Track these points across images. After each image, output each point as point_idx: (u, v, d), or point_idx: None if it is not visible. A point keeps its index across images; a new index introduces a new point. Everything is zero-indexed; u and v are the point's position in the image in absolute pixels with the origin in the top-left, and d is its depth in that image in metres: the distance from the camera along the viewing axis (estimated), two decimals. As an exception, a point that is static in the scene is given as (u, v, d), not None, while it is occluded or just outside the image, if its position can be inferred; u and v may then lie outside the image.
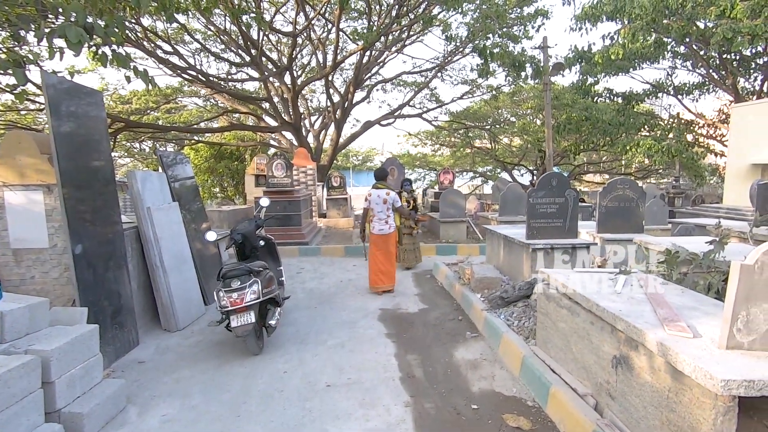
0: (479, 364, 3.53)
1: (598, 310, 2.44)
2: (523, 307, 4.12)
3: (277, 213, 8.31)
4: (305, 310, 5.01)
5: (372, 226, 5.56)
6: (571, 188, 4.68)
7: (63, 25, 4.02)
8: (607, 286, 2.84)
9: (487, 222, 9.43)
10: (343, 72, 17.13)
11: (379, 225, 5.51)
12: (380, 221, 5.52)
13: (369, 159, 32.91)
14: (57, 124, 3.20)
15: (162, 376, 3.41)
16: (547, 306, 3.16)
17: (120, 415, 2.83)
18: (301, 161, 11.62)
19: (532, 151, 18.40)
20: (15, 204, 3.30)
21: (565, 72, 13.80)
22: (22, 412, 2.24)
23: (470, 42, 11.11)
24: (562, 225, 4.65)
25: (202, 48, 13.67)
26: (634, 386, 2.15)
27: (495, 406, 2.89)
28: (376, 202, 5.49)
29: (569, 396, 2.59)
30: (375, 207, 5.51)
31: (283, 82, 13.73)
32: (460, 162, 22.54)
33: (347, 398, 3.02)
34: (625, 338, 2.22)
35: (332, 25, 13.13)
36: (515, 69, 10.18)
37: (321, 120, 18.19)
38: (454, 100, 17.26)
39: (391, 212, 5.56)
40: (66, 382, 2.53)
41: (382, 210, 5.50)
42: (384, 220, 5.52)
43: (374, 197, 5.50)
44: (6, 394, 2.15)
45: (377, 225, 5.52)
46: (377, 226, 5.52)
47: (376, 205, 5.50)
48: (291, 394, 3.10)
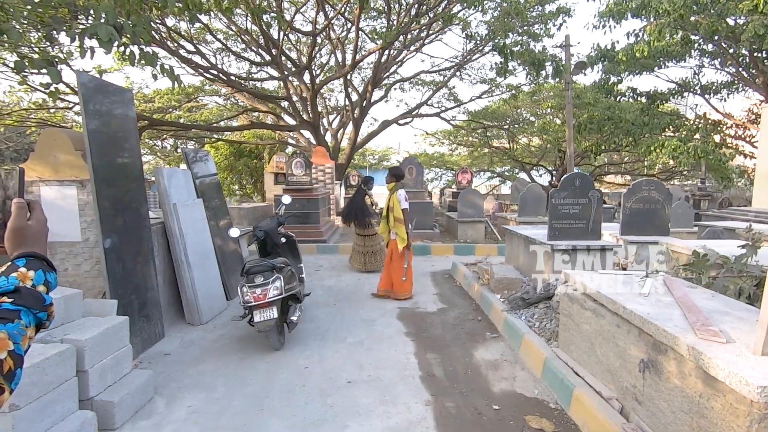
0: (500, 364, 3.51)
1: (625, 312, 2.40)
2: (545, 309, 4.08)
3: (296, 211, 8.40)
4: (324, 307, 5.05)
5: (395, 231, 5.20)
6: (595, 189, 4.60)
7: (95, 24, 4.15)
8: (633, 288, 2.79)
9: (506, 222, 9.34)
10: (361, 71, 17.17)
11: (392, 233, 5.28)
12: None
13: (385, 158, 32.95)
14: (90, 122, 3.31)
15: (187, 369, 3.49)
16: (570, 307, 3.13)
17: (148, 405, 2.91)
18: (319, 159, 11.70)
19: (552, 151, 18.14)
20: (50, 199, 3.42)
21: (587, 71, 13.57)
22: (58, 399, 2.33)
23: (490, 40, 11.01)
24: (584, 226, 4.58)
25: (224, 47, 13.88)
26: (663, 391, 2.11)
27: (516, 407, 2.87)
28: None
29: (593, 399, 2.56)
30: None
31: (303, 81, 13.84)
32: (477, 162, 22.38)
33: (368, 395, 3.04)
34: (654, 342, 2.18)
35: (351, 24, 13.19)
36: (535, 68, 10.05)
37: (339, 119, 18.29)
38: (473, 100, 17.13)
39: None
40: (98, 371, 2.62)
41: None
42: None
43: (403, 198, 5.20)
44: (43, 381, 2.24)
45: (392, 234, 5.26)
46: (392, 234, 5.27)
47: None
48: (312, 389, 3.13)
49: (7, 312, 0.77)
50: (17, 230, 0.88)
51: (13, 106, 12.58)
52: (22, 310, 0.79)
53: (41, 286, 0.85)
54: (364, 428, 2.66)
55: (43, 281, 0.86)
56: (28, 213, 0.91)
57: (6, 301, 0.78)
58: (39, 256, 0.88)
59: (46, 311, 0.84)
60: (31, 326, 0.80)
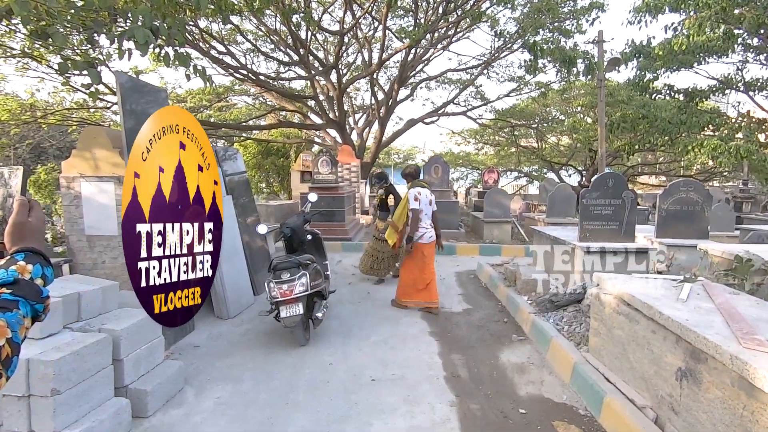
0: (526, 368, 3.44)
1: (662, 318, 2.30)
2: (574, 312, 3.97)
3: (322, 209, 8.48)
4: (349, 304, 5.08)
5: (419, 233, 4.65)
6: (629, 190, 4.44)
7: (132, 27, 4.29)
8: (671, 293, 2.68)
9: (533, 223, 9.14)
10: (387, 69, 17.18)
11: (429, 231, 4.71)
12: (429, 227, 4.73)
13: (410, 157, 32.89)
14: (127, 120, 3.43)
15: (215, 361, 3.58)
16: (601, 312, 3.02)
17: (178, 395, 3.00)
18: (345, 158, 11.78)
19: (582, 151, 17.63)
20: (89, 194, 3.57)
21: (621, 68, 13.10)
22: (95, 386, 2.42)
23: (519, 37, 10.79)
24: (617, 228, 4.42)
25: (253, 48, 14.16)
26: (702, 401, 2.01)
27: (544, 412, 2.80)
28: (425, 203, 4.68)
29: (626, 407, 2.46)
30: (424, 209, 4.67)
31: (329, 81, 13.96)
32: (504, 161, 22.04)
33: (391, 393, 3.04)
34: (693, 350, 2.08)
35: (378, 23, 13.20)
36: (566, 65, 9.78)
37: (365, 118, 18.35)
38: (500, 98, 16.87)
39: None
40: (133, 360, 2.72)
41: (428, 213, 4.74)
42: (430, 225, 4.77)
43: (424, 198, 4.66)
44: (82, 368, 2.34)
45: (428, 232, 4.68)
46: (428, 233, 4.68)
47: (425, 207, 4.68)
48: (337, 385, 3.15)
49: (7, 302, 0.81)
50: (18, 226, 0.92)
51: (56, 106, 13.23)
52: (20, 301, 0.82)
53: (39, 279, 0.89)
54: (388, 426, 2.66)
55: (41, 275, 0.89)
56: (29, 210, 0.95)
57: (5, 292, 0.82)
58: (37, 251, 0.92)
59: (43, 303, 0.87)
60: (28, 317, 0.84)
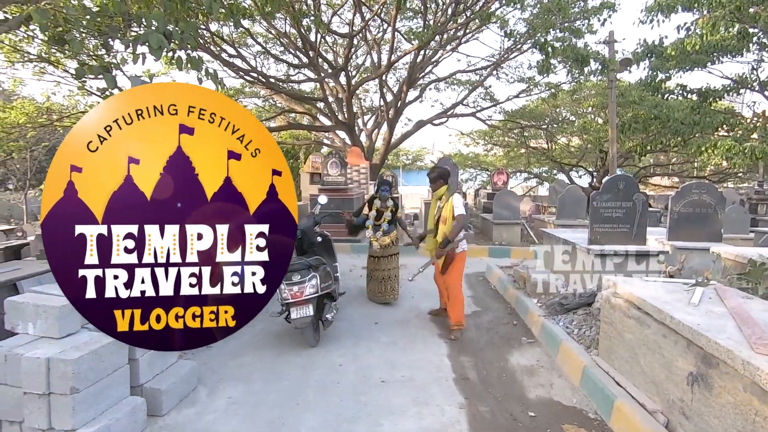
0: (536, 370, 3.44)
1: (672, 322, 2.29)
2: (584, 315, 3.95)
3: (332, 210, 8.53)
4: (358, 306, 5.11)
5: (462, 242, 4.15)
6: (640, 192, 4.41)
7: (146, 32, 4.37)
8: (682, 297, 2.66)
9: (543, 225, 9.09)
10: (396, 71, 17.21)
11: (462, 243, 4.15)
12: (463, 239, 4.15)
13: (419, 158, 32.87)
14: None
15: (227, 361, 3.64)
16: (612, 315, 3.01)
17: (192, 394, 3.06)
18: (355, 160, 11.83)
19: (592, 152, 17.47)
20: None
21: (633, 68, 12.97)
22: (112, 385, 2.49)
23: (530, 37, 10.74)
24: (628, 231, 4.39)
25: (263, 50, 14.28)
26: (714, 407, 2.01)
27: (553, 415, 2.80)
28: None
29: (636, 411, 2.45)
30: (439, 219, 4.09)
31: (339, 83, 14.04)
32: (513, 162, 21.92)
33: (401, 395, 3.06)
34: (704, 354, 2.07)
35: (387, 25, 13.24)
36: (579, 64, 9.71)
37: (374, 119, 18.39)
38: (510, 99, 16.79)
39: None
40: (147, 360, 2.77)
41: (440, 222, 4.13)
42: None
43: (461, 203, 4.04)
44: (100, 367, 2.40)
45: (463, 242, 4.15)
46: (462, 244, 4.15)
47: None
48: (346, 386, 3.19)
49: None
50: None
51: (71, 109, 13.49)
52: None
53: None
54: (398, 428, 2.68)
55: None
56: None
57: None
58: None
59: None
60: None
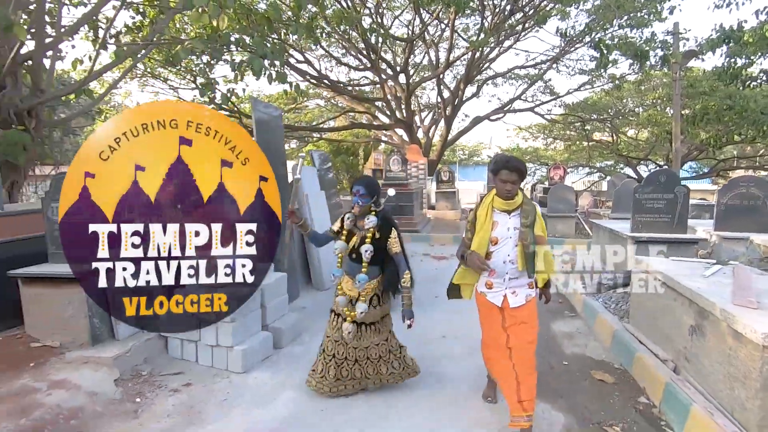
0: (574, 335, 4.06)
1: (680, 287, 2.87)
2: (622, 294, 4.48)
3: (393, 204, 9.42)
4: (419, 284, 5.88)
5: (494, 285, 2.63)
6: (682, 185, 4.79)
7: (251, 58, 5.49)
8: (699, 272, 3.19)
9: (598, 218, 9.34)
10: (453, 68, 17.68)
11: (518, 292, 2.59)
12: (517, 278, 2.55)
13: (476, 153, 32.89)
14: (258, 134, 4.56)
15: (318, 319, 4.60)
16: (639, 288, 3.58)
17: (299, 338, 4.06)
18: (414, 156, 12.63)
19: (662, 145, 16.82)
20: (230, 189, 4.79)
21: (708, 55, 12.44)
22: (252, 321, 3.52)
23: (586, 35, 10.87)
24: (669, 220, 4.80)
25: (326, 54, 15.32)
26: (705, 348, 2.59)
27: (584, 365, 3.45)
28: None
29: (652, 359, 3.06)
30: (500, 238, 2.50)
31: (398, 83, 14.83)
32: (575, 156, 21.47)
33: (459, 346, 3.85)
34: (700, 310, 2.65)
35: (445, 25, 13.80)
36: (638, 59, 9.73)
37: (431, 116, 19.02)
38: (570, 92, 16.68)
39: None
40: (272, 308, 3.80)
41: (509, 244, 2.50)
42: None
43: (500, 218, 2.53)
44: (245, 308, 3.42)
45: (519, 291, 2.60)
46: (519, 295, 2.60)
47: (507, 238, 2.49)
48: (413, 339, 4.00)
49: None
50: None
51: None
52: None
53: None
54: (458, 367, 3.48)
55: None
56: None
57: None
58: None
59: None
60: None
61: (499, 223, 2.53)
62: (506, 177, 2.41)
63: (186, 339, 3.45)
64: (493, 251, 2.54)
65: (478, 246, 2.54)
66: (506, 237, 2.52)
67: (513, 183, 2.43)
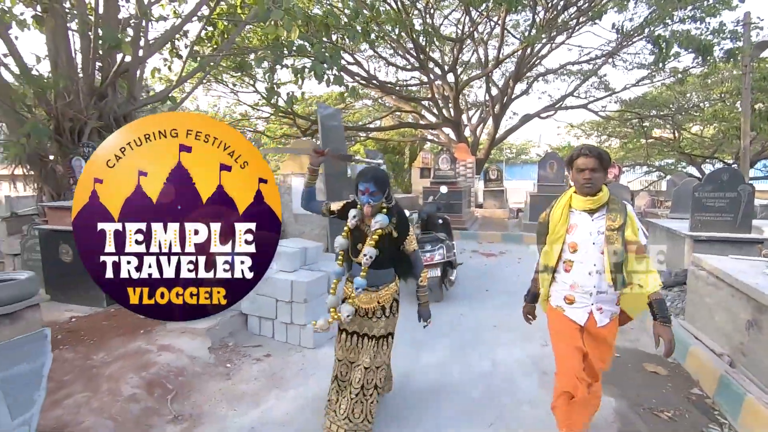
0: (627, 331, 4.12)
1: (738, 284, 2.93)
2: (678, 292, 4.46)
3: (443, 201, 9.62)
4: (470, 279, 6.14)
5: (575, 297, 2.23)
6: (746, 184, 4.67)
7: (314, 64, 5.92)
8: (758, 270, 3.20)
9: (656, 218, 9.03)
10: (502, 66, 17.45)
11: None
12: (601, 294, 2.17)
13: (524, 152, 32.12)
14: (324, 135, 4.98)
15: (375, 307, 4.97)
16: (696, 285, 3.61)
17: (359, 321, 4.41)
18: (462, 155, 12.74)
19: (731, 142, 15.73)
20: (296, 185, 5.25)
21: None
22: (320, 303, 3.91)
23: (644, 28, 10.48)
24: (731, 220, 4.70)
25: (375, 54, 15.62)
26: (762, 342, 2.65)
27: (637, 358, 3.54)
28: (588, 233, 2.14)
29: (706, 353, 3.12)
30: (580, 244, 2.14)
31: (446, 82, 14.91)
32: (632, 154, 20.54)
33: (509, 334, 4.05)
34: (758, 305, 2.71)
35: (495, 23, 13.72)
36: (701, 53, 9.28)
37: (479, 115, 18.91)
38: (627, 87, 15.93)
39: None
40: (339, 290, 4.17)
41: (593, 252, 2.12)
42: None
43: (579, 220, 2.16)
44: (315, 290, 3.83)
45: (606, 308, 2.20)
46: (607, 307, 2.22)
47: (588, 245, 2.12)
48: (467, 327, 4.27)
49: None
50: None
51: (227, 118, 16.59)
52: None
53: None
54: (509, 352, 3.69)
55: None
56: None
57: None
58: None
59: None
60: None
61: (578, 225, 2.10)
62: (583, 163, 2.00)
63: (264, 317, 3.91)
64: (574, 260, 2.12)
65: (549, 254, 2.18)
66: (589, 243, 2.07)
67: (592, 170, 2.00)
